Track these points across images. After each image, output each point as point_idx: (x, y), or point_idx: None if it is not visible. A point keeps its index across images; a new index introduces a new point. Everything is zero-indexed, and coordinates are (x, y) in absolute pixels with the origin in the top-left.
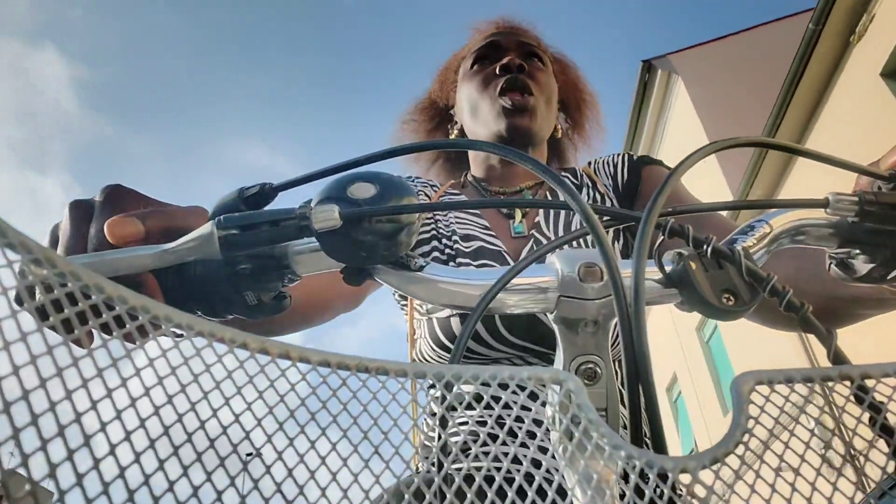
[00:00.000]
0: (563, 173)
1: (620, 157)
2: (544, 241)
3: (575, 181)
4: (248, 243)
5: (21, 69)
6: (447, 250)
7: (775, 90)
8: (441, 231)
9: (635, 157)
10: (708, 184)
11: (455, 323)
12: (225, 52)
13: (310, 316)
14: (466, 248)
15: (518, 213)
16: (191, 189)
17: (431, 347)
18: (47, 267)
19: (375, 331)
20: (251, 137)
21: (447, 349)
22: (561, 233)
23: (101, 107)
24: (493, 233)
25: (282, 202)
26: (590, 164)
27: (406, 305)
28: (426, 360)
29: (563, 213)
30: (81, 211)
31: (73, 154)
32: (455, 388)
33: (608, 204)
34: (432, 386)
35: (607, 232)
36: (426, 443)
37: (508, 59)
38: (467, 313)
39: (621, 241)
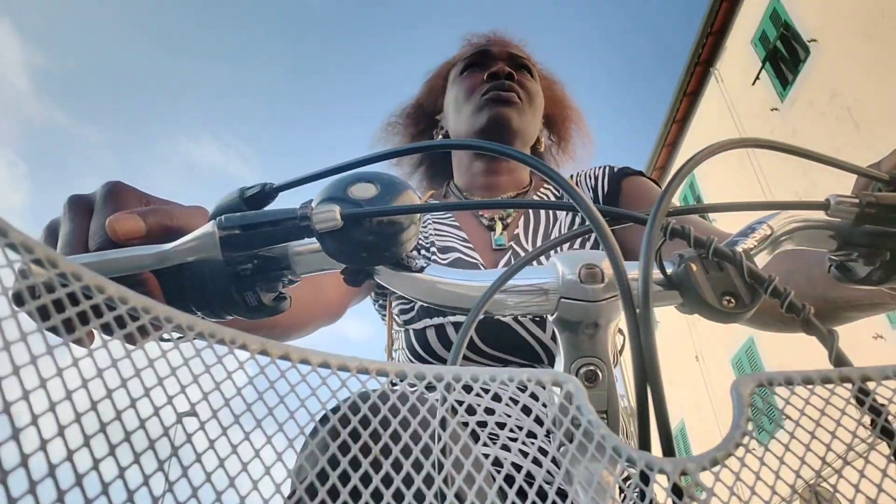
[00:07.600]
0: (545, 186)
1: (601, 170)
2: (522, 254)
3: (556, 194)
4: (248, 243)
5: None
6: None
7: None
8: (419, 242)
9: (616, 169)
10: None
11: (431, 335)
12: (183, 50)
13: (291, 330)
14: (443, 259)
15: (499, 226)
16: (140, 183)
17: (409, 358)
18: (48, 267)
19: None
20: (203, 136)
21: (423, 360)
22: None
23: (53, 91)
24: (471, 245)
25: (282, 202)
26: (572, 176)
27: (385, 315)
28: None
29: (542, 225)
30: (81, 207)
31: (20, 132)
32: (455, 390)
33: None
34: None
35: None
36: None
37: (498, 67)
38: (442, 324)
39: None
